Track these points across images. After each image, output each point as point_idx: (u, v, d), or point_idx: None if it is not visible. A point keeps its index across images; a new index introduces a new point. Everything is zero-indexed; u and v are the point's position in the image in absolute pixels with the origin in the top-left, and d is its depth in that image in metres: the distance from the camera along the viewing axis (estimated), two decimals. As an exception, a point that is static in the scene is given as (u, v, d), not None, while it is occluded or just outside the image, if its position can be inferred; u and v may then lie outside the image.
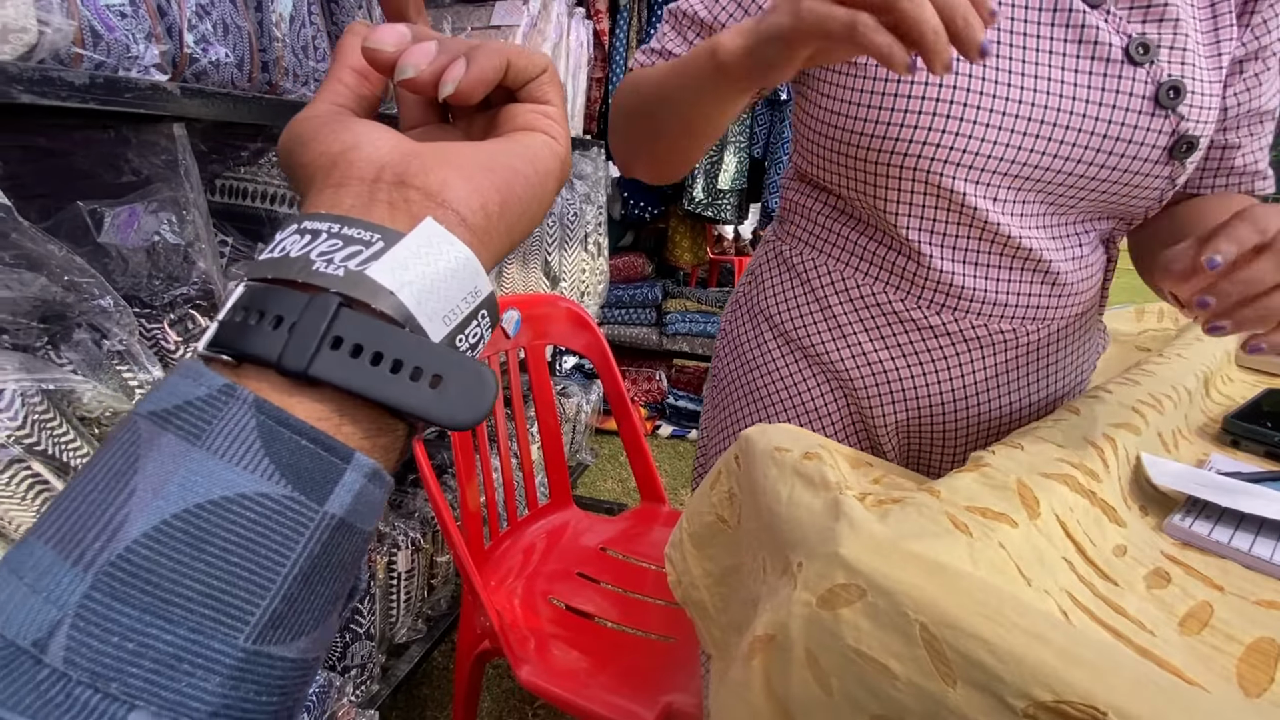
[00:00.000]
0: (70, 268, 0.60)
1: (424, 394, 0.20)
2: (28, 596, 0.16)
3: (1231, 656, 0.33)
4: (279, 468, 0.19)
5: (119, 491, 0.17)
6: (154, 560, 0.17)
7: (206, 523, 0.18)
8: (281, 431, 0.19)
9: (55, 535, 0.17)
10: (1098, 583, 0.37)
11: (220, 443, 0.18)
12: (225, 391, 0.19)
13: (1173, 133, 0.52)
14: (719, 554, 0.58)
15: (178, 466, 0.18)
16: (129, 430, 0.19)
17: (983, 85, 0.51)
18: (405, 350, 0.20)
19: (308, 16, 0.91)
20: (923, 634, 0.30)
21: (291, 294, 0.20)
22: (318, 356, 0.19)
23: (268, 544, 0.18)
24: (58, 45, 0.64)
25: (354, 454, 0.20)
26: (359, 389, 0.20)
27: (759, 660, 0.37)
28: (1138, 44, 0.50)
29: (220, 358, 0.20)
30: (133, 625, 0.16)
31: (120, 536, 0.17)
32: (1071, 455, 0.45)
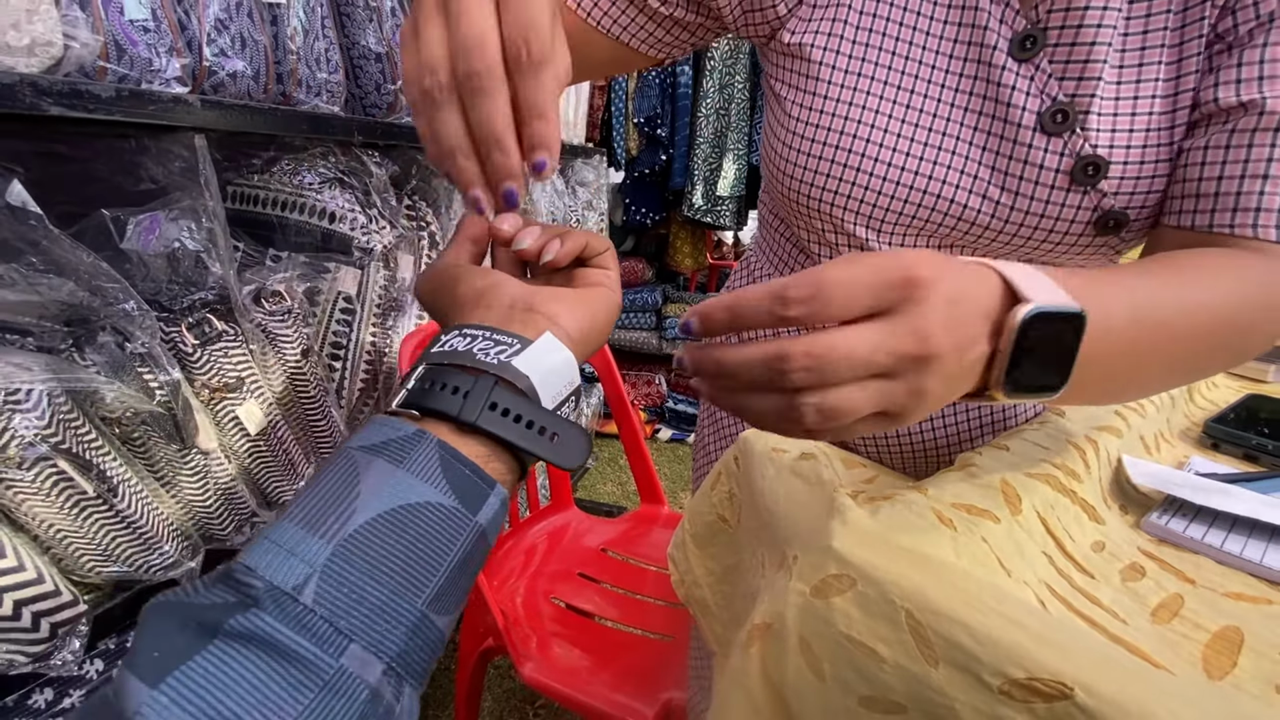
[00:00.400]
0: (97, 273, 0.62)
1: (546, 445, 0.30)
2: (288, 558, 0.24)
3: (1198, 643, 0.35)
4: (451, 487, 0.27)
5: (349, 492, 0.26)
6: (372, 540, 0.25)
7: (406, 518, 0.26)
8: (454, 463, 0.27)
9: (303, 519, 0.25)
10: (1075, 575, 0.39)
11: (416, 466, 0.27)
12: (418, 434, 0.28)
13: (1095, 208, 0.45)
14: (720, 553, 0.60)
15: (388, 479, 0.26)
16: (346, 458, 0.27)
17: (883, 138, 0.48)
18: (536, 415, 0.30)
19: (321, 30, 0.93)
20: (908, 620, 0.32)
21: (463, 373, 0.29)
22: (481, 415, 0.28)
23: (441, 538, 0.26)
24: (84, 59, 0.67)
25: (496, 484, 0.29)
26: (506, 438, 0.29)
27: (756, 648, 0.40)
28: (1055, 111, 0.44)
29: (409, 412, 0.29)
30: (356, 583, 0.24)
31: (352, 521, 0.25)
32: (1054, 456, 0.47)
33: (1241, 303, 0.38)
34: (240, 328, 0.79)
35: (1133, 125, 0.44)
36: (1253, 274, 0.40)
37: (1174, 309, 0.36)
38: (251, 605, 0.22)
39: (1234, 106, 0.41)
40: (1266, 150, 0.40)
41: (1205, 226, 0.42)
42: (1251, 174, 0.41)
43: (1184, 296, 0.37)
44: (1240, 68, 0.41)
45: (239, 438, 0.80)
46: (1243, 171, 0.41)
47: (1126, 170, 0.44)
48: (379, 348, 1.06)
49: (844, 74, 0.49)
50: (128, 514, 0.67)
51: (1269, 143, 0.40)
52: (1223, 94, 0.41)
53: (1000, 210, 0.47)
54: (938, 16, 0.47)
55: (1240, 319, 0.39)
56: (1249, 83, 0.41)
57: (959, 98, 0.47)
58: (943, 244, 0.51)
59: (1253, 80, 0.41)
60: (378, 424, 0.29)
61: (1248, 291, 0.39)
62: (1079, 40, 0.43)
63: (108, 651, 0.74)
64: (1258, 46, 0.40)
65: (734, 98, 2.34)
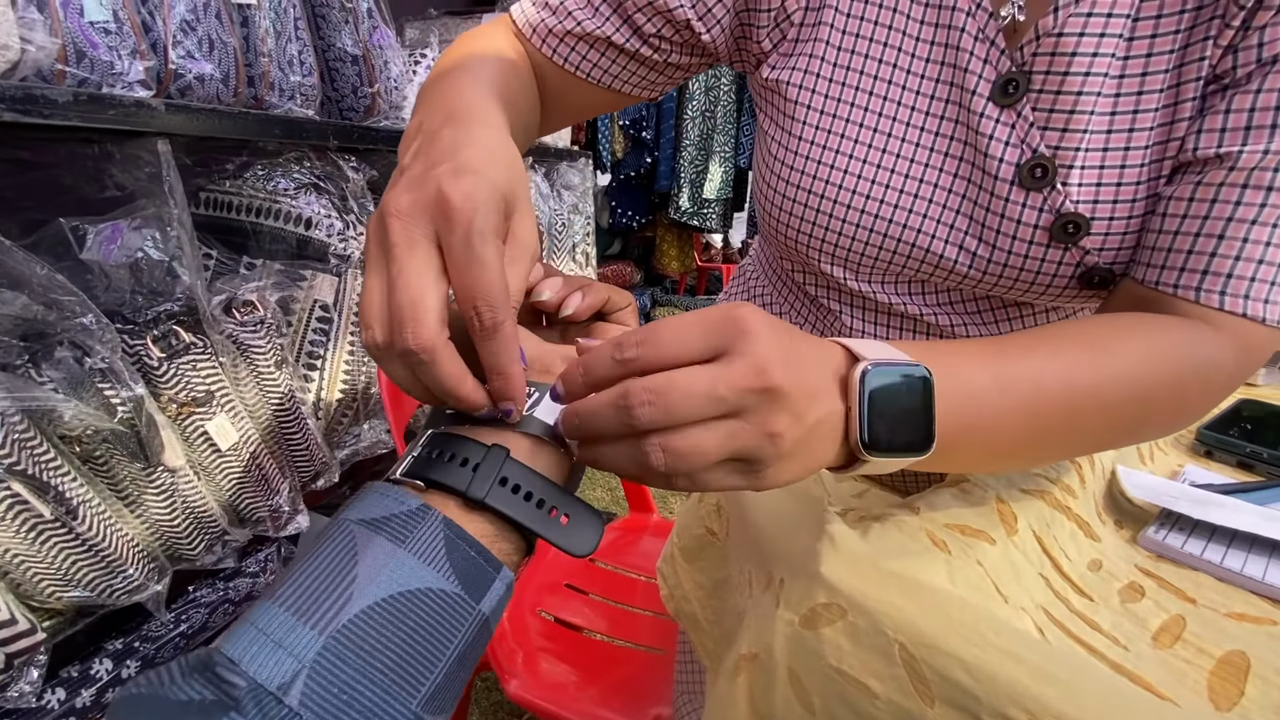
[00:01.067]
0: (52, 286, 0.59)
1: (557, 528, 0.28)
2: (274, 650, 0.22)
3: (1203, 670, 0.33)
4: (455, 571, 0.25)
5: (345, 574, 0.23)
6: (367, 631, 0.23)
7: (405, 607, 0.24)
8: (459, 544, 0.26)
9: (293, 604, 0.23)
10: (1073, 598, 0.38)
11: (419, 546, 0.25)
12: (422, 510, 0.26)
13: (1078, 264, 0.42)
14: (709, 566, 0.58)
15: (388, 560, 0.24)
16: (343, 531, 0.25)
17: (856, 183, 0.46)
18: (547, 493, 0.28)
19: (294, 32, 0.91)
20: (902, 654, 0.30)
21: (472, 443, 0.28)
22: (491, 491, 0.27)
23: (441, 629, 0.24)
24: (41, 63, 0.64)
25: (503, 567, 0.27)
26: (515, 517, 0.27)
27: (743, 678, 0.38)
28: (1034, 165, 0.41)
29: (414, 483, 0.27)
30: (348, 681, 0.22)
31: (347, 609, 0.23)
32: (1049, 471, 0.46)
33: (1143, 376, 0.36)
34: (210, 339, 0.76)
35: (1121, 179, 0.40)
36: (1164, 345, 0.36)
37: (1052, 377, 0.34)
38: (231, 708, 0.20)
39: (1210, 158, 0.37)
40: (1229, 208, 0.36)
41: (1153, 282, 0.39)
42: (1207, 232, 0.37)
43: (1066, 370, 0.35)
44: (1228, 115, 0.37)
45: (209, 454, 0.78)
46: (1199, 229, 0.37)
47: (1112, 227, 0.41)
48: (359, 358, 1.03)
49: (819, 114, 0.47)
50: (88, 536, 0.64)
51: (1234, 199, 0.36)
52: (1203, 142, 0.37)
53: (978, 262, 0.45)
54: (919, 54, 0.44)
55: (1138, 397, 0.36)
56: (1234, 133, 0.36)
57: (938, 142, 0.44)
58: (925, 289, 0.49)
59: (1238, 130, 0.36)
60: (378, 494, 0.26)
61: (1152, 365, 0.36)
62: (1065, 88, 0.40)
63: (70, 680, 0.71)
64: (1250, 92, 0.36)
65: (720, 100, 2.32)
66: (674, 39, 0.49)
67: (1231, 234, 0.36)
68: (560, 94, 0.51)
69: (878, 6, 0.45)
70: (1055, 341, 0.36)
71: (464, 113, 0.33)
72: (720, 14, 0.47)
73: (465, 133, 0.30)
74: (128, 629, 0.78)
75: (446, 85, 0.37)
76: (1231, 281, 0.37)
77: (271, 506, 0.87)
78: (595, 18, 0.48)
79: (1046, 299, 0.46)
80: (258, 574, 0.92)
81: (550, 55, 0.49)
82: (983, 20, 0.42)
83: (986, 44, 0.42)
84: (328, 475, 1.00)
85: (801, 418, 0.27)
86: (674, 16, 0.47)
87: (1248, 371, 0.39)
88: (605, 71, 0.50)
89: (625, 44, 0.48)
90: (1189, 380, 0.37)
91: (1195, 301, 0.37)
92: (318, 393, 0.98)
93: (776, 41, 0.48)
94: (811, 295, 0.56)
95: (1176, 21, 0.38)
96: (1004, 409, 0.33)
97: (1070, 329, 0.37)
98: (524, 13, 0.50)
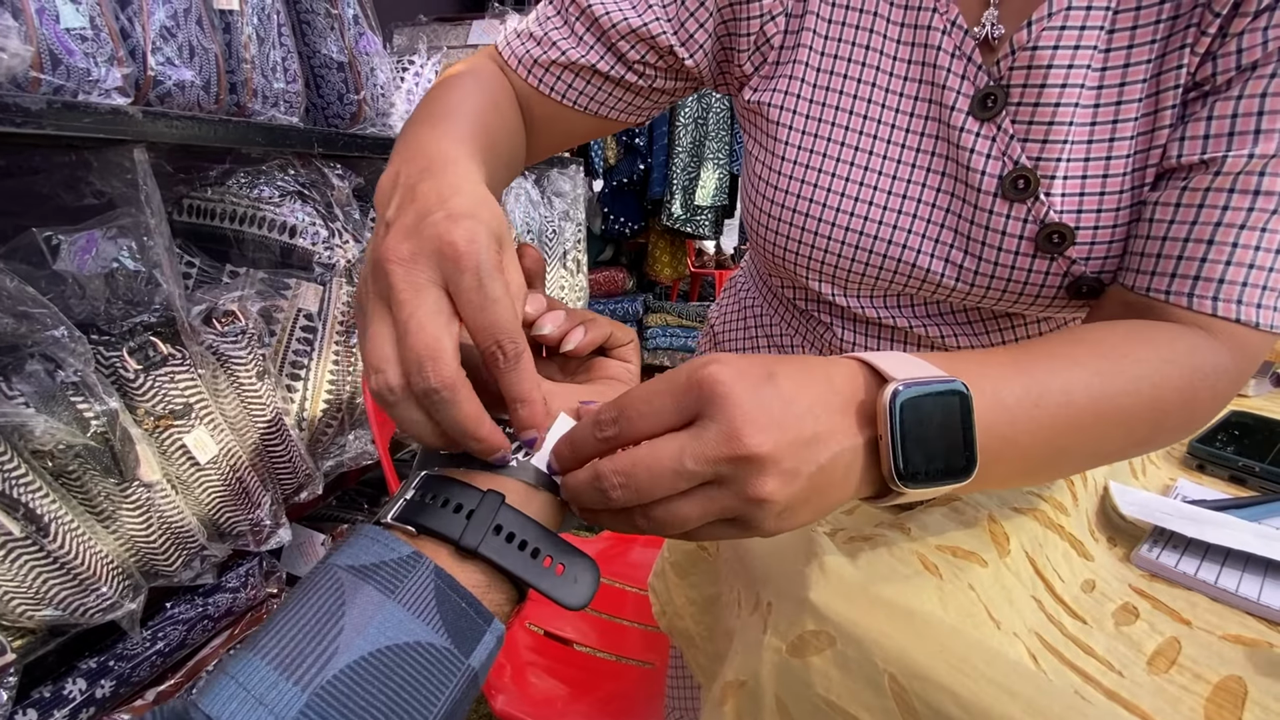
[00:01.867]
0: (22, 298, 0.58)
1: (551, 579, 0.27)
2: (255, 707, 0.20)
3: (1199, 696, 0.32)
4: (445, 623, 0.24)
5: (332, 625, 0.22)
6: (353, 687, 0.22)
7: (392, 662, 0.22)
8: (450, 595, 0.25)
9: (276, 657, 0.22)
10: (1067, 621, 0.37)
11: (408, 598, 0.24)
12: (413, 558, 0.25)
13: (1065, 274, 0.42)
14: (701, 582, 0.57)
15: (377, 612, 0.23)
16: (330, 577, 0.24)
17: (840, 201, 0.46)
18: (543, 541, 0.27)
19: (277, 39, 0.90)
20: (891, 685, 0.29)
21: (466, 489, 0.27)
22: (485, 540, 0.26)
23: (429, 685, 0.23)
24: (15, 70, 0.63)
25: (494, 619, 0.26)
26: (509, 568, 0.26)
27: (730, 706, 0.37)
28: (1015, 177, 0.41)
29: (405, 528, 0.26)
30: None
31: (332, 664, 0.22)
32: (1042, 489, 0.45)
33: (1159, 384, 0.35)
34: (188, 350, 0.75)
35: (1104, 188, 0.40)
36: (1174, 353, 0.36)
37: (1079, 388, 0.33)
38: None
39: (1195, 164, 0.37)
40: (1216, 213, 0.36)
41: (1144, 289, 0.39)
42: (1196, 237, 0.36)
43: (1089, 380, 0.33)
44: (1211, 121, 0.36)
45: (188, 467, 0.76)
46: (1188, 234, 0.37)
47: (1097, 236, 0.41)
48: (343, 368, 1.02)
49: (801, 134, 0.47)
50: (60, 554, 0.63)
51: (1221, 204, 0.36)
52: (1187, 149, 0.37)
53: (965, 274, 0.44)
54: (898, 73, 0.45)
55: (1155, 407, 0.35)
56: (1217, 139, 0.36)
57: (920, 158, 0.44)
58: (914, 302, 0.49)
59: (1221, 136, 0.36)
60: (368, 538, 0.26)
61: (1167, 373, 0.35)
62: (1043, 99, 0.40)
63: (42, 700, 0.69)
64: (1231, 98, 0.36)
65: (712, 106, 2.33)
66: (658, 64, 0.49)
67: (1220, 239, 0.36)
68: (548, 122, 0.51)
69: (855, 28, 0.45)
70: (1074, 350, 0.35)
71: (441, 164, 0.32)
72: (702, 39, 0.48)
73: (448, 183, 0.30)
74: (102, 648, 0.76)
75: (424, 135, 0.37)
76: (1223, 287, 0.36)
77: (253, 520, 0.85)
78: (579, 47, 0.48)
79: (1036, 309, 0.46)
80: (238, 589, 0.90)
81: (537, 85, 0.49)
82: (959, 38, 0.42)
83: (964, 60, 0.42)
84: (311, 487, 0.98)
85: (795, 474, 0.25)
86: (657, 43, 0.47)
87: (1247, 375, 0.39)
88: (592, 99, 0.50)
89: (610, 71, 0.49)
90: (1199, 387, 0.36)
91: (1188, 308, 0.37)
92: (301, 404, 0.97)
93: (758, 65, 0.49)
94: (802, 309, 0.56)
95: (1153, 31, 0.38)
96: (1038, 422, 0.32)
97: (1084, 336, 0.36)
98: (509, 44, 0.50)
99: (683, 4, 0.47)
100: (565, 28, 0.49)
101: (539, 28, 0.49)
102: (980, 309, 0.48)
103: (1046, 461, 0.34)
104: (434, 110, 0.41)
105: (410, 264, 0.27)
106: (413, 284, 0.26)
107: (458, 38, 1.46)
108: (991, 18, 0.41)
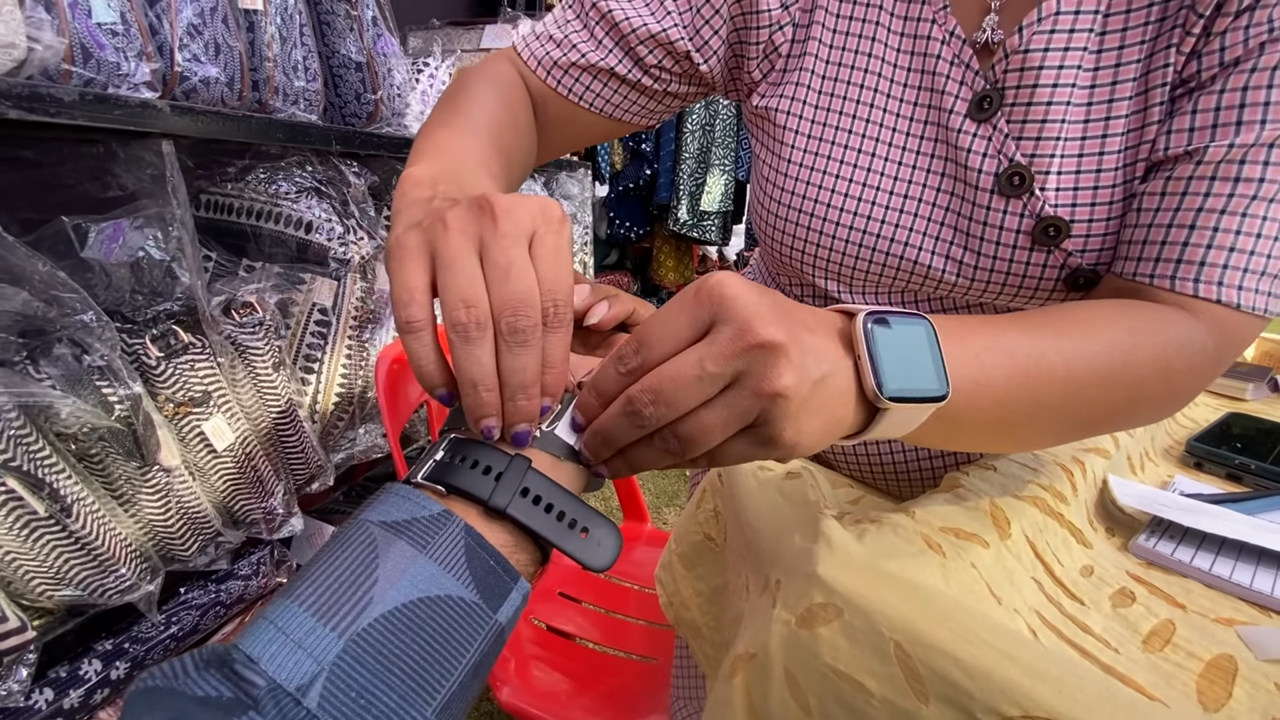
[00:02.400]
0: (53, 282, 0.60)
1: (575, 540, 0.28)
2: (294, 651, 0.21)
3: (1192, 673, 0.34)
4: (474, 579, 0.25)
5: (366, 577, 0.23)
6: (386, 636, 0.22)
7: (424, 614, 0.23)
8: (479, 552, 0.26)
9: (314, 604, 0.23)
10: (1065, 602, 0.38)
11: (439, 553, 0.25)
12: (444, 516, 0.26)
13: (1061, 266, 0.44)
14: (708, 573, 0.58)
15: (409, 566, 0.24)
16: (363, 532, 0.25)
17: (844, 201, 0.48)
18: (568, 505, 0.28)
19: (299, 38, 0.92)
20: (897, 652, 0.31)
21: (497, 451, 0.28)
22: (513, 501, 0.27)
23: (458, 637, 0.24)
24: (47, 62, 0.65)
25: (520, 578, 0.27)
26: (536, 529, 0.27)
27: (740, 678, 0.38)
28: (1011, 173, 0.43)
29: (435, 487, 0.27)
30: (365, 686, 0.22)
31: (367, 613, 0.23)
32: (1041, 478, 0.46)
33: (1130, 350, 0.36)
34: (208, 340, 0.76)
35: (1097, 183, 0.42)
36: (1146, 323, 0.37)
37: (1049, 346, 0.34)
38: (250, 707, 0.20)
39: (1179, 155, 0.39)
40: (1199, 199, 0.38)
41: (1130, 275, 0.40)
42: (1179, 223, 0.38)
43: (1060, 343, 0.35)
44: (1195, 115, 0.38)
45: (205, 454, 0.78)
46: (1171, 220, 0.39)
47: (1092, 229, 0.42)
48: (355, 362, 1.03)
49: (806, 138, 0.49)
50: (82, 535, 0.64)
51: (1203, 191, 0.38)
52: (1173, 142, 0.39)
53: (965, 270, 0.46)
54: (898, 79, 0.47)
55: (1129, 372, 0.36)
56: (1201, 131, 0.38)
57: (920, 159, 0.47)
58: (917, 298, 0.51)
59: (1205, 129, 0.38)
60: (399, 496, 0.26)
61: (1138, 340, 0.36)
62: (1035, 100, 0.42)
63: (59, 680, 0.71)
64: (1214, 93, 0.38)
65: (719, 114, 2.35)
66: (674, 69, 0.51)
67: (1201, 224, 0.38)
68: (561, 123, 0.53)
69: (858, 38, 0.48)
70: (1044, 316, 0.37)
71: (460, 174, 0.34)
72: (716, 45, 0.50)
73: (471, 185, 0.32)
74: (117, 630, 0.77)
75: (443, 142, 0.38)
76: (1204, 269, 0.38)
77: (266, 509, 0.86)
78: (598, 50, 0.50)
79: (1035, 303, 0.47)
80: (250, 577, 0.91)
81: (555, 86, 0.51)
82: (956, 46, 0.44)
83: (961, 67, 0.44)
84: (322, 478, 0.99)
85: (806, 372, 0.26)
86: (674, 48, 0.50)
87: (1229, 358, 0.40)
88: (608, 101, 0.52)
89: (628, 75, 0.51)
90: (1174, 358, 0.37)
91: (1170, 290, 0.39)
92: (314, 395, 0.98)
93: (766, 72, 0.51)
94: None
95: (1141, 33, 0.40)
96: (1009, 370, 0.33)
97: (1057, 310, 0.38)
98: (528, 46, 0.52)
99: (698, 12, 0.49)
100: (585, 31, 0.50)
101: (559, 31, 0.51)
102: (982, 304, 0.50)
103: (1027, 418, 0.35)
104: (450, 120, 0.43)
105: (507, 214, 0.27)
106: (514, 233, 0.27)
107: (470, 41, 1.48)
108: (991, 23, 0.44)
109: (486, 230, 0.27)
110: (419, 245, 0.28)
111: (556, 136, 0.55)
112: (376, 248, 1.04)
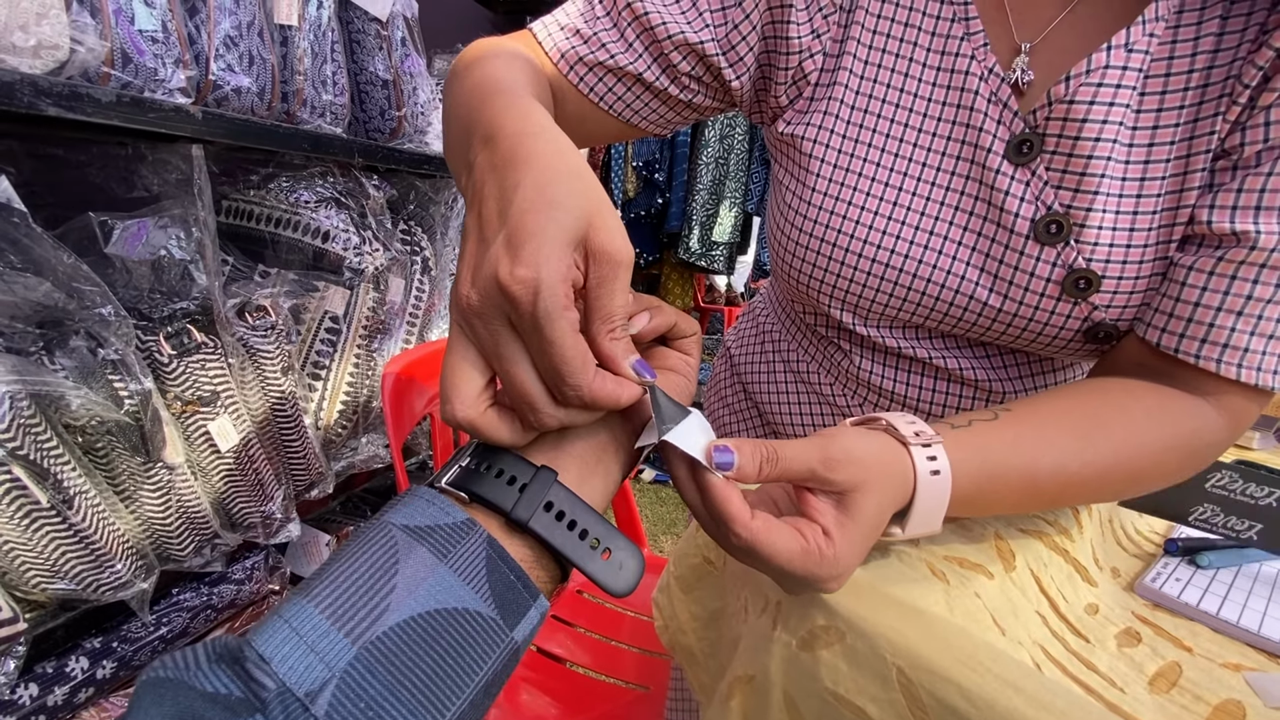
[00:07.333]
0: (76, 275, 0.61)
1: (597, 561, 0.27)
2: (306, 654, 0.21)
3: (1199, 716, 0.33)
4: (493, 594, 0.24)
5: (384, 583, 0.23)
6: (400, 646, 0.22)
7: (440, 626, 0.23)
8: (500, 565, 0.25)
9: (330, 607, 0.22)
10: (1070, 638, 0.38)
11: (460, 564, 0.24)
12: (467, 524, 0.25)
13: (1085, 319, 0.44)
14: (706, 597, 0.57)
15: (429, 574, 0.23)
16: (385, 534, 0.24)
17: (868, 234, 0.47)
18: (591, 523, 0.27)
19: (330, 54, 0.95)
20: (899, 678, 0.30)
21: (523, 461, 0.27)
22: (535, 515, 0.26)
23: (473, 653, 0.23)
24: (88, 64, 0.67)
25: (539, 595, 0.26)
26: (557, 546, 0.26)
27: (737, 701, 0.37)
28: (1049, 221, 0.43)
29: (458, 494, 0.27)
30: (375, 697, 0.21)
31: (382, 621, 0.22)
32: (1047, 514, 0.46)
33: (1133, 458, 0.40)
34: (221, 341, 0.77)
35: (1130, 240, 0.42)
36: (1180, 430, 0.41)
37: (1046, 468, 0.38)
38: (257, 710, 0.20)
39: (1226, 234, 0.39)
40: (1248, 286, 0.39)
41: (1171, 349, 0.41)
42: (1228, 308, 0.39)
43: (1056, 456, 0.39)
44: (1240, 193, 0.39)
45: (208, 454, 0.78)
46: (1220, 304, 0.39)
47: (1120, 285, 0.43)
48: (362, 371, 1.04)
49: (833, 168, 0.48)
50: (81, 528, 0.64)
51: (1252, 278, 0.38)
52: (1217, 218, 0.39)
53: (988, 311, 0.46)
54: (932, 114, 0.46)
55: (1158, 471, 0.41)
56: (1245, 211, 0.38)
57: (950, 196, 0.46)
58: (932, 334, 0.51)
59: (1249, 209, 0.38)
60: (423, 499, 0.26)
61: (1170, 444, 0.40)
62: (1076, 151, 0.42)
63: (44, 676, 0.70)
64: (1261, 174, 0.38)
65: (734, 148, 2.39)
66: (704, 79, 0.50)
67: (1248, 311, 0.39)
68: (576, 120, 0.52)
69: (890, 70, 0.47)
70: (1046, 429, 0.39)
71: (514, 145, 0.30)
72: (750, 62, 0.49)
73: (526, 179, 0.27)
74: (107, 628, 0.76)
75: (487, 97, 0.36)
76: (1247, 355, 0.40)
77: (264, 513, 0.86)
78: (628, 52, 0.48)
79: (1051, 350, 0.47)
80: (243, 581, 0.90)
81: (577, 83, 0.49)
82: (995, 84, 0.44)
83: (1000, 106, 0.44)
84: (323, 485, 0.99)
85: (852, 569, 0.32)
86: (708, 60, 0.48)
87: (1236, 439, 0.43)
88: (628, 105, 0.51)
89: (654, 82, 0.49)
90: (1199, 449, 0.41)
91: (1215, 373, 0.40)
92: (319, 402, 0.99)
93: (793, 98, 0.50)
94: (821, 335, 0.57)
95: (1180, 98, 0.41)
96: (1000, 493, 0.38)
97: (1064, 406, 0.41)
98: (552, 37, 0.50)
99: (735, 28, 0.48)
100: (615, 30, 0.48)
101: (587, 26, 0.49)
102: (998, 345, 0.50)
103: (1015, 507, 0.40)
104: (491, 78, 0.39)
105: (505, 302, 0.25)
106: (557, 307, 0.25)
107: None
108: (1022, 64, 0.44)
109: (513, 316, 0.25)
110: (462, 340, 0.27)
111: (568, 132, 0.54)
112: (391, 259, 1.05)
